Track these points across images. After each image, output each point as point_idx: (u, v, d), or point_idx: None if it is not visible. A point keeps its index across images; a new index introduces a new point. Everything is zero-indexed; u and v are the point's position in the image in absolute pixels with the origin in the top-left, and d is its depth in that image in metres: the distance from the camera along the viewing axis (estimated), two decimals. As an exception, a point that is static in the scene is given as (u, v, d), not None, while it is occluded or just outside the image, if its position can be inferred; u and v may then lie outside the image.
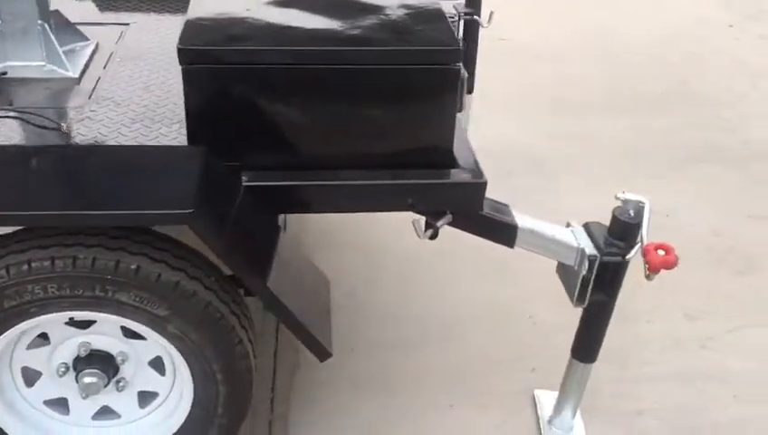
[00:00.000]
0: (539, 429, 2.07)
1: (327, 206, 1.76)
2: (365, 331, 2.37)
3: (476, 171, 1.77)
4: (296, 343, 2.30)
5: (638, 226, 1.69)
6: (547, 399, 2.12)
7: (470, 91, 3.24)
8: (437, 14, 1.81)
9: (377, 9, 1.82)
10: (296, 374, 2.21)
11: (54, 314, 1.55)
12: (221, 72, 1.59)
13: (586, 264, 1.71)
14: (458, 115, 1.89)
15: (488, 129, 3.44)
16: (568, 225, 1.81)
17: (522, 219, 1.80)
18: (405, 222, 1.82)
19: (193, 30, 1.65)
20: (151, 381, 1.74)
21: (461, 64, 1.71)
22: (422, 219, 1.79)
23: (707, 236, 2.87)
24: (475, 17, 3.03)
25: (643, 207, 1.69)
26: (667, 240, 2.75)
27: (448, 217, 1.81)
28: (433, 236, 1.78)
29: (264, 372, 2.20)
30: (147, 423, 1.79)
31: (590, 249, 1.72)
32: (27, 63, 1.92)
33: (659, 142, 3.48)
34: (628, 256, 1.68)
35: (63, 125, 1.66)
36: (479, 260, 2.61)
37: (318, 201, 1.73)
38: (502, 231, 1.81)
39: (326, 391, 2.15)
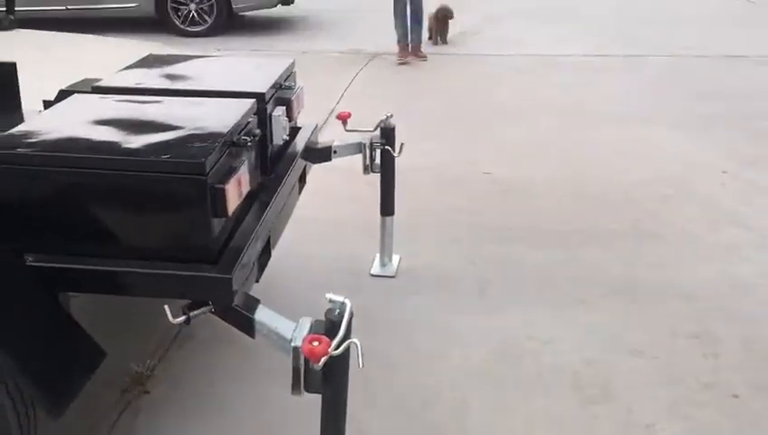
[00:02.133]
0: None
1: (95, 288, 2.09)
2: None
3: (227, 268, 2.04)
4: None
5: (340, 323, 1.87)
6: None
7: (388, 213, 3.53)
8: (214, 134, 2.15)
9: (173, 128, 2.20)
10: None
11: None
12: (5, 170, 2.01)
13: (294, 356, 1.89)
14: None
15: (415, 252, 3.68)
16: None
17: (261, 313, 2.03)
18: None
19: (6, 136, 2.09)
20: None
21: (208, 176, 2.00)
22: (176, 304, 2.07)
23: (578, 364, 2.89)
24: (387, 147, 3.39)
25: (346, 307, 1.88)
26: (536, 368, 2.86)
27: (207, 308, 2.08)
28: (186, 322, 2.05)
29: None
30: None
31: (297, 342, 1.91)
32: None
33: (580, 275, 3.54)
34: (331, 351, 1.85)
35: None
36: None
37: (86, 284, 2.07)
38: (244, 323, 2.05)
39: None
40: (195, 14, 9.30)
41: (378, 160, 3.43)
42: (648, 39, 8.81)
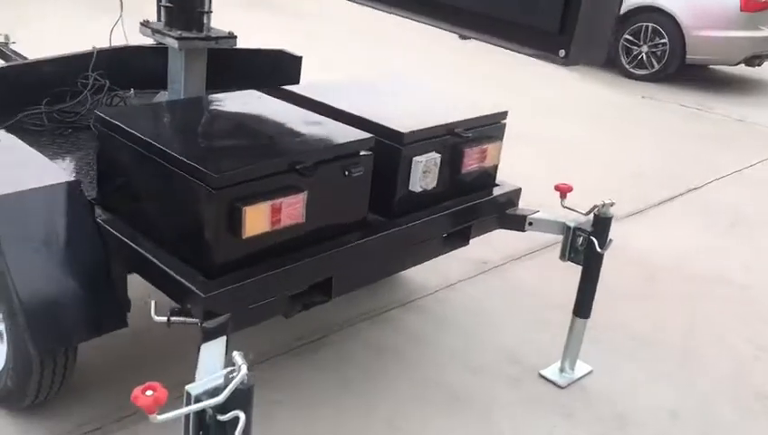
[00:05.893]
0: None
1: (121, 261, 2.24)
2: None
3: (213, 287, 1.99)
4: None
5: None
6: None
7: (583, 315, 2.93)
8: (273, 153, 2.16)
9: (262, 138, 2.29)
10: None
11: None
12: (107, 136, 2.26)
13: None
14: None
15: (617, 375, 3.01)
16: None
17: (212, 343, 1.93)
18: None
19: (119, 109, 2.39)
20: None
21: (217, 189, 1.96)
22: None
23: None
24: (593, 239, 2.83)
25: (239, 373, 1.66)
26: None
27: (193, 320, 2.05)
28: (167, 324, 2.04)
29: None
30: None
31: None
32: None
33: None
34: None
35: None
36: None
37: (123, 257, 2.23)
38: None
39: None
40: (644, 57, 8.82)
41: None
42: None
